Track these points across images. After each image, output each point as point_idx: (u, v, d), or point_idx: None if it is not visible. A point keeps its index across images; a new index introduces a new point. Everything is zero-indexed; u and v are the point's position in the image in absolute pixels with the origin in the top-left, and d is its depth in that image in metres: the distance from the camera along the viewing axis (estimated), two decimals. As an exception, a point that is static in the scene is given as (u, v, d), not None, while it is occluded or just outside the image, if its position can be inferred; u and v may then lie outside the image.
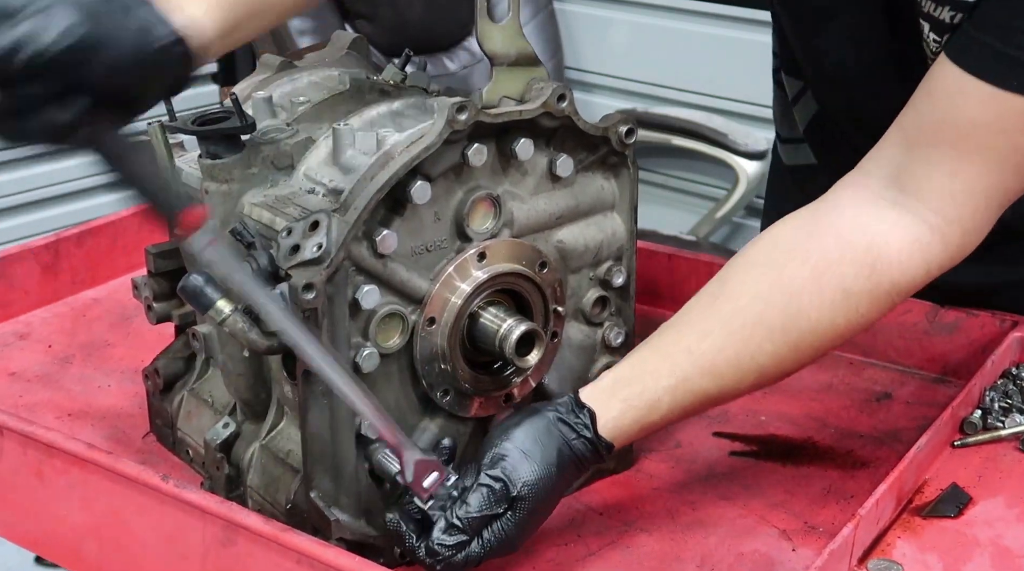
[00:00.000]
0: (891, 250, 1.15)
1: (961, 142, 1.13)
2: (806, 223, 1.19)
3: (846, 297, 1.15)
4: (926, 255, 1.15)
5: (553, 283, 1.24)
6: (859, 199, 1.17)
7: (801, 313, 1.14)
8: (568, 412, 1.14)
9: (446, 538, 1.08)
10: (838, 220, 1.17)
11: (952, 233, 1.15)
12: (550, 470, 1.11)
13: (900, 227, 1.15)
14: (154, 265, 1.34)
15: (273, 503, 1.22)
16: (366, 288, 1.12)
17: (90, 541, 1.25)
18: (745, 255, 1.20)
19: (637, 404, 1.15)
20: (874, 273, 1.15)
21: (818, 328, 1.15)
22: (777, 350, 1.15)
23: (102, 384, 1.52)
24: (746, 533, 1.23)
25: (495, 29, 1.16)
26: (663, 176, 3.69)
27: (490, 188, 1.18)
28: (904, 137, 1.17)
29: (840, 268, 1.14)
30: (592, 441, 1.13)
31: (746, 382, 1.17)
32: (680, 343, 1.16)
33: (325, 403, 1.13)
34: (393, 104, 1.24)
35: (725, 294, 1.18)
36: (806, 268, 1.15)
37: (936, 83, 1.14)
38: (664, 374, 1.15)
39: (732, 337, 1.15)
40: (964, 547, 1.18)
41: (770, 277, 1.16)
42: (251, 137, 1.22)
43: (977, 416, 1.36)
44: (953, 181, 1.14)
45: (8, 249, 1.69)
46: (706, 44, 3.47)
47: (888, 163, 1.17)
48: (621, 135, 1.24)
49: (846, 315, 1.15)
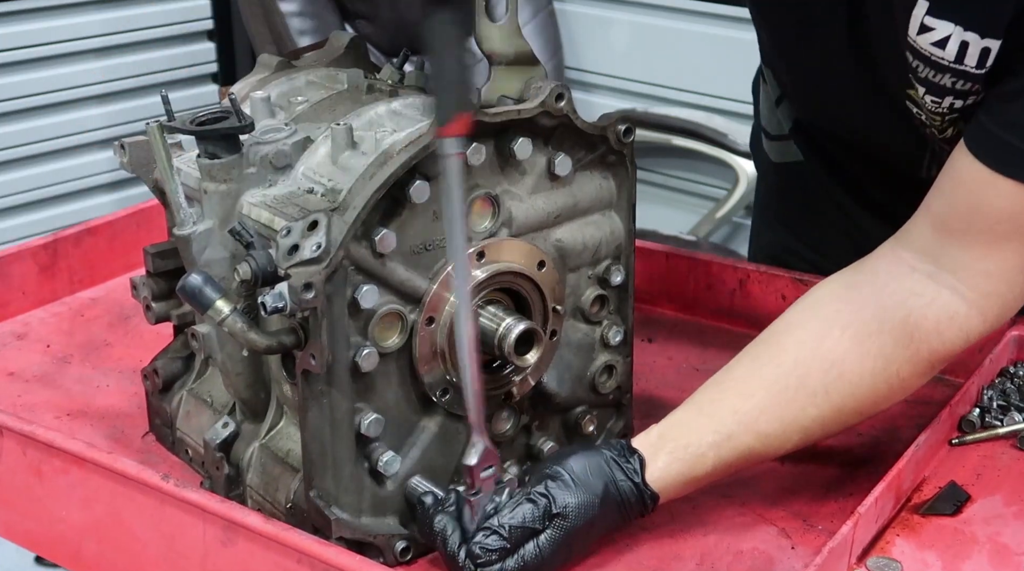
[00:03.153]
0: (928, 323, 1.18)
1: (991, 229, 1.16)
2: (845, 291, 1.23)
3: (887, 365, 1.19)
4: (964, 326, 1.19)
5: (552, 282, 1.24)
6: (896, 272, 1.21)
7: (843, 378, 1.18)
8: (620, 455, 1.17)
9: (489, 542, 1.10)
10: (877, 292, 1.20)
11: (990, 306, 1.19)
12: (594, 500, 1.13)
13: (938, 302, 1.19)
14: (152, 265, 1.34)
15: (273, 502, 1.23)
16: (365, 287, 1.12)
17: (90, 541, 1.26)
18: (787, 319, 1.24)
19: (683, 457, 1.17)
20: (912, 342, 1.19)
21: (858, 393, 1.20)
22: (821, 413, 1.19)
23: (101, 384, 1.52)
24: (745, 531, 1.23)
25: (493, 29, 1.16)
26: (663, 176, 3.69)
27: (489, 187, 1.19)
28: (934, 221, 1.20)
29: (880, 337, 1.18)
30: (639, 486, 1.16)
31: (791, 442, 1.21)
32: (724, 403, 1.20)
33: (325, 402, 1.13)
34: (392, 104, 1.24)
35: (767, 356, 1.22)
36: (846, 336, 1.19)
37: (961, 175, 1.18)
38: (709, 431, 1.18)
39: (775, 399, 1.19)
40: (962, 545, 1.19)
41: (812, 343, 1.20)
42: (249, 137, 1.22)
43: (975, 414, 1.36)
44: (987, 262, 1.17)
45: (6, 249, 1.69)
46: (706, 44, 3.47)
47: (922, 240, 1.21)
48: (619, 134, 1.24)
49: (887, 381, 1.20)
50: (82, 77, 3.54)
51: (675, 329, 1.64)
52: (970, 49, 1.14)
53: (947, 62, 1.16)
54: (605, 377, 1.32)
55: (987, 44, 1.13)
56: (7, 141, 3.43)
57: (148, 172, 1.31)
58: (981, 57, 1.14)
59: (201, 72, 3.77)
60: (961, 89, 1.19)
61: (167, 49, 3.69)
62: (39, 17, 3.42)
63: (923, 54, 1.18)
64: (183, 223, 1.21)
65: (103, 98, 3.59)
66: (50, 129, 3.50)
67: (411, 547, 1.19)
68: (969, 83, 1.18)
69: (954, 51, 1.15)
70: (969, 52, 1.14)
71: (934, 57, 1.17)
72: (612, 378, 1.32)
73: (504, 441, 1.27)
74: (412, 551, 1.19)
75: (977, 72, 1.16)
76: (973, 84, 1.18)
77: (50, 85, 3.48)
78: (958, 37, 1.14)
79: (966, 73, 1.16)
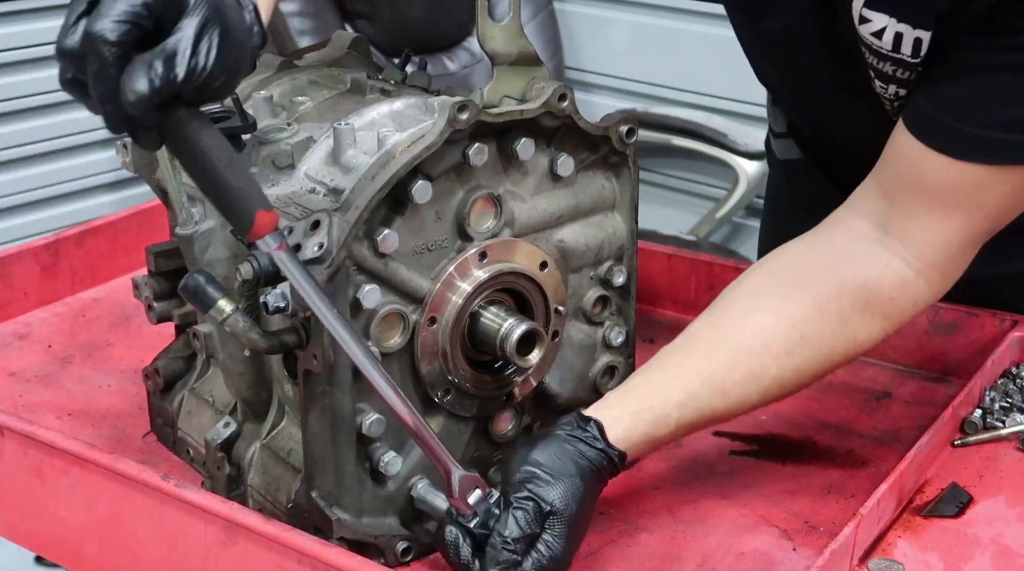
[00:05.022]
0: (883, 288, 1.23)
1: (930, 200, 1.22)
2: (804, 256, 1.27)
3: (845, 328, 1.23)
4: (913, 293, 1.24)
5: (554, 282, 1.24)
6: (850, 238, 1.25)
7: (804, 340, 1.22)
8: (575, 428, 1.17)
9: (507, 558, 1.09)
10: (835, 257, 1.25)
11: (932, 275, 1.24)
12: (574, 482, 1.13)
13: (890, 269, 1.23)
14: (154, 265, 1.34)
15: (274, 503, 1.22)
16: (367, 287, 1.12)
17: (90, 541, 1.25)
18: (746, 284, 1.27)
19: (647, 418, 1.19)
20: (868, 306, 1.23)
21: (819, 355, 1.23)
22: (781, 373, 1.22)
23: (102, 384, 1.52)
24: (746, 532, 1.23)
25: (496, 29, 1.16)
26: (663, 176, 3.69)
27: (491, 187, 1.18)
28: (881, 189, 1.25)
29: (840, 301, 1.22)
30: (603, 451, 1.16)
31: (751, 402, 1.23)
32: (687, 364, 1.22)
33: (326, 402, 1.13)
34: (394, 103, 1.24)
35: (729, 320, 1.25)
36: (807, 299, 1.23)
37: (901, 149, 1.23)
38: (674, 391, 1.20)
39: (738, 360, 1.21)
40: (965, 546, 1.19)
41: (773, 306, 1.23)
42: (252, 136, 1.22)
43: (977, 415, 1.36)
44: (929, 232, 1.22)
45: (8, 249, 1.69)
46: (706, 44, 3.47)
47: (872, 208, 1.26)
48: (622, 135, 1.24)
49: (844, 344, 1.24)
50: (83, 76, 3.53)
51: (677, 330, 1.63)
52: (904, 39, 1.19)
53: (886, 51, 1.22)
54: (607, 378, 1.32)
55: (919, 35, 1.19)
56: (7, 141, 3.43)
57: (150, 172, 1.31)
58: (915, 46, 1.20)
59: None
60: (901, 77, 1.24)
61: (168, 48, 3.68)
62: (39, 17, 3.42)
63: (866, 43, 1.23)
64: (185, 223, 1.21)
65: (104, 98, 3.59)
66: (51, 129, 3.50)
67: (412, 548, 1.19)
68: (907, 72, 1.23)
69: (890, 41, 1.21)
70: (904, 42, 1.20)
71: (875, 46, 1.22)
72: (614, 379, 1.32)
73: (505, 442, 1.27)
74: (413, 552, 1.19)
75: (913, 61, 1.21)
76: (911, 72, 1.23)
77: (50, 85, 3.44)
78: (892, 28, 1.20)
79: (903, 62, 1.22)
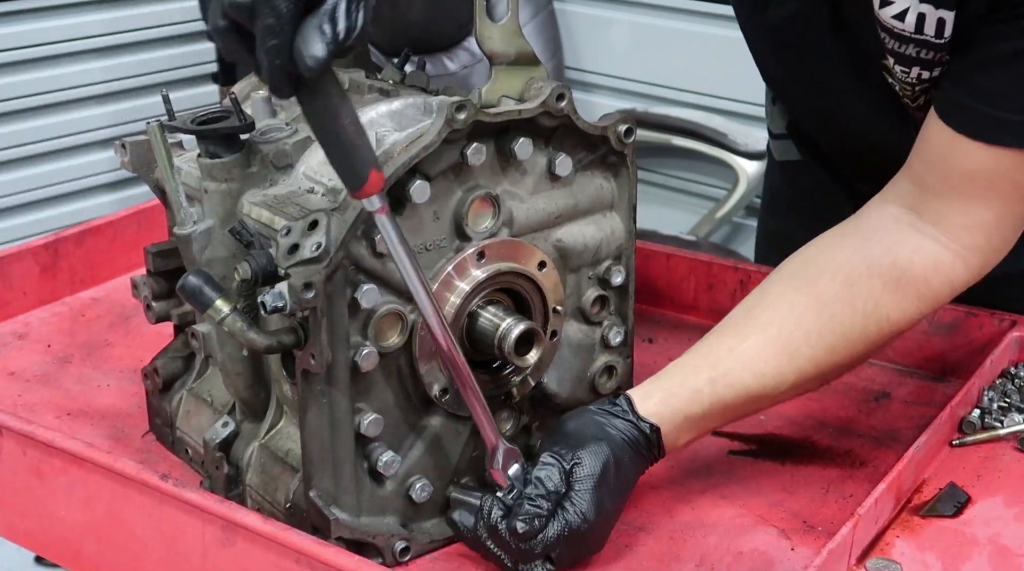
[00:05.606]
0: (915, 268, 1.23)
1: (966, 186, 1.22)
2: (834, 242, 1.28)
3: (876, 307, 1.23)
4: (949, 274, 1.24)
5: (552, 282, 1.24)
6: (881, 224, 1.26)
7: (835, 320, 1.22)
8: (605, 404, 1.20)
9: (528, 510, 1.11)
10: (865, 241, 1.25)
11: (972, 257, 1.24)
12: (600, 446, 1.15)
13: (923, 250, 1.23)
14: (153, 264, 1.34)
15: (272, 502, 1.22)
16: (365, 287, 1.12)
17: (90, 540, 1.26)
18: (778, 273, 1.29)
19: (678, 393, 1.20)
20: (899, 286, 1.23)
21: (851, 334, 1.23)
22: (815, 353, 1.22)
23: (101, 383, 1.52)
24: (745, 532, 1.23)
25: (494, 29, 1.16)
26: (663, 176, 3.69)
27: (489, 187, 1.19)
28: (915, 178, 1.25)
29: (870, 281, 1.23)
30: (633, 422, 1.18)
31: (787, 382, 1.23)
32: (720, 344, 1.24)
33: (324, 402, 1.13)
34: (392, 103, 1.24)
35: (761, 305, 1.26)
36: (837, 280, 1.23)
37: (932, 138, 1.24)
38: (705, 368, 1.22)
39: (770, 340, 1.22)
40: (963, 546, 1.19)
41: (804, 289, 1.24)
42: (250, 136, 1.22)
43: (975, 415, 1.36)
44: (966, 216, 1.22)
45: (7, 249, 1.69)
46: (706, 44, 3.47)
47: (906, 195, 1.25)
48: (620, 134, 1.24)
49: (877, 323, 1.23)
50: (82, 77, 3.54)
51: (675, 329, 1.64)
52: (927, 20, 1.20)
53: (908, 33, 1.22)
54: (605, 378, 1.32)
55: (942, 15, 1.19)
56: (7, 141, 3.43)
57: (149, 172, 1.31)
58: (938, 27, 1.20)
59: (201, 72, 3.77)
60: (925, 58, 1.24)
61: (167, 49, 3.69)
62: (39, 17, 3.42)
63: (887, 26, 1.24)
64: (184, 222, 1.21)
65: (103, 98, 3.59)
66: (50, 129, 3.50)
67: (410, 547, 1.19)
68: (932, 52, 1.23)
69: (912, 22, 1.21)
70: (927, 23, 1.20)
71: (896, 29, 1.23)
72: (612, 379, 1.32)
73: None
74: (411, 551, 1.19)
75: (937, 41, 1.21)
76: (935, 53, 1.23)
77: (50, 85, 3.48)
78: (915, 9, 1.20)
79: (927, 42, 1.22)
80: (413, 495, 1.20)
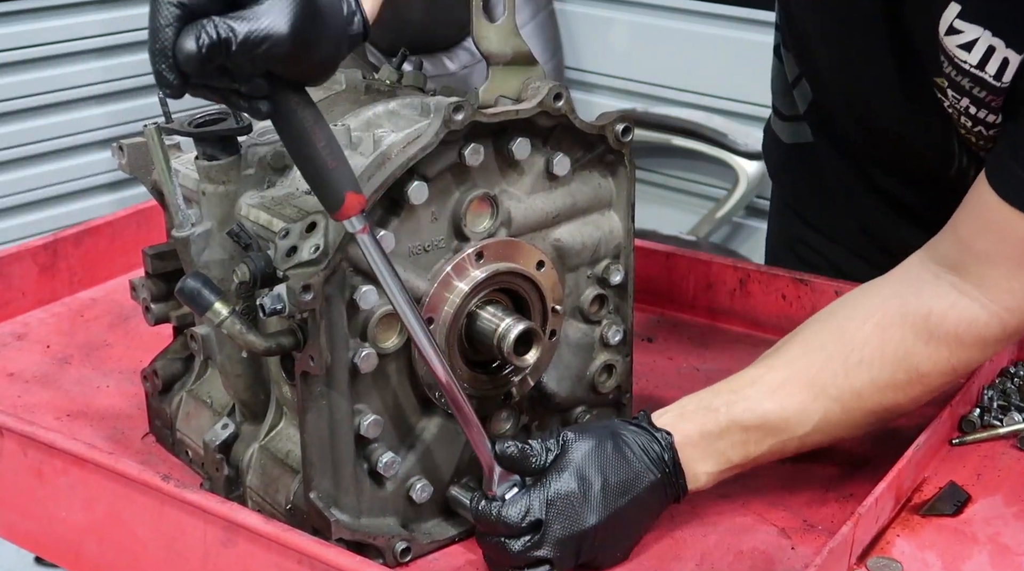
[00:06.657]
0: (948, 324, 1.21)
1: (1011, 256, 1.19)
2: (872, 289, 1.27)
3: (907, 356, 1.21)
4: (983, 333, 1.22)
5: (551, 282, 1.24)
6: (921, 278, 1.24)
7: (863, 364, 1.21)
8: (623, 417, 1.22)
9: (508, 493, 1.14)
10: (902, 292, 1.24)
11: (1011, 319, 1.22)
12: (604, 443, 1.16)
13: (959, 306, 1.21)
14: (152, 266, 1.34)
15: (273, 504, 1.22)
16: (364, 289, 1.12)
17: (90, 541, 1.26)
18: (814, 316, 1.29)
19: (693, 409, 1.21)
20: (932, 338, 1.21)
21: (879, 380, 1.22)
22: (841, 395, 1.21)
23: (101, 384, 1.52)
24: (745, 531, 1.23)
25: (491, 29, 1.16)
26: (663, 176, 3.69)
27: (487, 187, 1.18)
28: (960, 240, 1.23)
29: (902, 329, 1.21)
30: (646, 428, 1.18)
31: (811, 420, 1.21)
32: (745, 375, 1.24)
33: (324, 403, 1.13)
34: (390, 104, 1.24)
35: (792, 343, 1.26)
36: (869, 324, 1.22)
37: (983, 205, 1.20)
38: (724, 391, 1.22)
39: (796, 374, 1.22)
40: (963, 545, 1.19)
41: (836, 330, 1.24)
42: (248, 138, 1.22)
43: (975, 414, 1.36)
44: (1013, 281, 1.20)
45: (6, 249, 1.69)
46: (706, 44, 3.47)
47: (948, 254, 1.24)
48: (618, 133, 1.24)
49: (907, 372, 1.22)
50: (82, 77, 3.54)
51: (675, 329, 1.64)
52: (994, 56, 1.16)
53: (969, 66, 1.19)
54: (604, 377, 1.32)
55: (1008, 55, 1.16)
56: (7, 141, 3.43)
57: (146, 174, 1.31)
58: (1001, 66, 1.17)
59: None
60: (978, 95, 1.21)
61: (167, 49, 3.68)
62: (39, 17, 3.42)
63: (948, 54, 1.20)
64: (181, 225, 1.21)
65: (103, 98, 3.59)
66: (50, 129, 3.50)
67: (411, 548, 1.19)
68: (986, 92, 1.20)
69: (979, 55, 1.17)
70: (992, 59, 1.17)
71: (957, 59, 1.20)
72: (612, 378, 1.32)
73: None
74: (412, 552, 1.19)
75: (994, 83, 1.18)
76: (989, 95, 1.20)
77: (50, 85, 3.47)
78: (986, 41, 1.17)
79: (984, 81, 1.19)
80: (413, 496, 1.20)
